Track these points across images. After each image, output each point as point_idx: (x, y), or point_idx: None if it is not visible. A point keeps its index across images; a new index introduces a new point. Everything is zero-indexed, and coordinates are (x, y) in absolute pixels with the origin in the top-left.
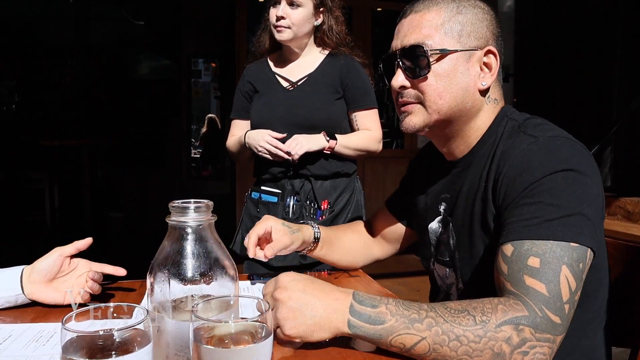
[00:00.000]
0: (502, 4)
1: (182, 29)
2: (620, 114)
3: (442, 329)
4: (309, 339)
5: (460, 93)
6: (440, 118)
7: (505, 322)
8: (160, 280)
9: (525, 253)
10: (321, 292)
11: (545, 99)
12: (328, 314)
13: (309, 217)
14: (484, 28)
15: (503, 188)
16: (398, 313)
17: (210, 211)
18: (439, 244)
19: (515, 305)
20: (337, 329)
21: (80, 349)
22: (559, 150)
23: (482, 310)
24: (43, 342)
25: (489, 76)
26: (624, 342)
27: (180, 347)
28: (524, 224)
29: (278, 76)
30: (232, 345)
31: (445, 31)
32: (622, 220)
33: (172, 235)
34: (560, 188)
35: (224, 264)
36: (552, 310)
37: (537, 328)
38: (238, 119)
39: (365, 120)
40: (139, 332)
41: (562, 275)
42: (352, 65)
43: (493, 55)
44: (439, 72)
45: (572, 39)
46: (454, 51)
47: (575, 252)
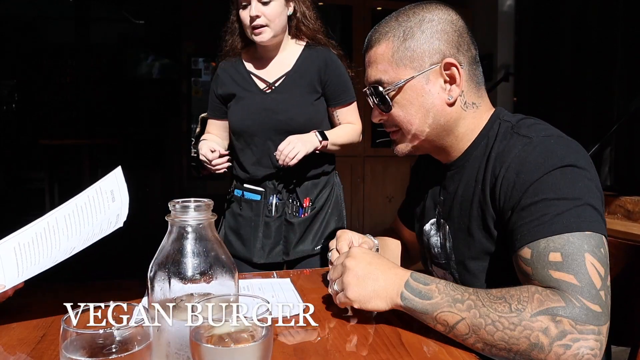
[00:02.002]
0: (502, 3)
1: (182, 28)
2: (620, 114)
3: (479, 312)
4: (366, 305)
5: (430, 114)
6: (420, 140)
7: (541, 312)
8: (160, 279)
9: (543, 251)
10: (384, 266)
11: (545, 99)
12: (387, 285)
13: (291, 214)
14: (435, 43)
15: (503, 191)
16: (445, 292)
17: (210, 210)
18: (431, 246)
19: (551, 295)
20: (391, 299)
21: (81, 348)
22: (554, 149)
23: (518, 298)
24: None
25: (454, 88)
26: (623, 342)
27: (180, 346)
28: (534, 224)
29: (254, 76)
30: (232, 344)
31: (397, 62)
32: (622, 220)
33: (172, 234)
34: (561, 183)
35: (224, 262)
36: (589, 299)
37: (578, 319)
38: (214, 119)
39: (347, 115)
40: (139, 332)
41: (587, 264)
42: (331, 59)
43: (453, 66)
44: (402, 102)
45: (572, 38)
46: (410, 79)
47: (592, 239)
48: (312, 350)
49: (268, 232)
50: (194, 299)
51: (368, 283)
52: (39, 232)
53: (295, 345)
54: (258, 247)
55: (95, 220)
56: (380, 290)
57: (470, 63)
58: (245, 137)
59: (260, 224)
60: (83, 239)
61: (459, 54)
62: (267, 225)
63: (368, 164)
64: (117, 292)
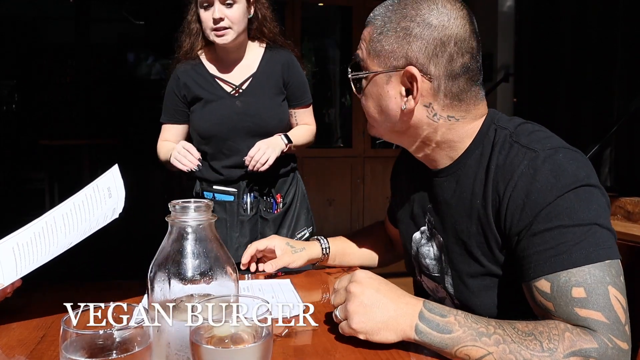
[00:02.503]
0: (502, 4)
1: None
2: (620, 114)
3: (509, 348)
4: (374, 337)
5: (385, 116)
6: (384, 137)
7: (573, 353)
8: (160, 279)
9: (565, 285)
10: (394, 294)
11: (545, 99)
12: (397, 316)
13: (266, 212)
14: (404, 47)
15: (510, 213)
16: (466, 325)
17: (210, 211)
18: (422, 255)
19: (583, 335)
20: (403, 332)
21: (80, 348)
22: (565, 166)
23: (548, 336)
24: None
25: (410, 99)
26: None
27: (180, 347)
28: (551, 254)
29: (219, 80)
30: (232, 345)
31: (369, 51)
32: (622, 220)
33: (173, 234)
34: (576, 207)
35: (224, 263)
36: (619, 337)
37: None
38: (172, 124)
39: (304, 116)
40: (139, 332)
41: (612, 298)
42: (292, 61)
43: (414, 79)
44: (366, 92)
45: (572, 39)
46: (375, 73)
47: (612, 268)
48: (312, 350)
49: (244, 231)
50: (194, 299)
51: (376, 312)
52: (37, 232)
53: (295, 346)
54: (234, 248)
55: (92, 217)
56: (390, 322)
57: (448, 76)
58: (217, 142)
59: (235, 224)
60: (80, 233)
61: (431, 65)
62: (242, 224)
63: (368, 164)
64: (117, 293)
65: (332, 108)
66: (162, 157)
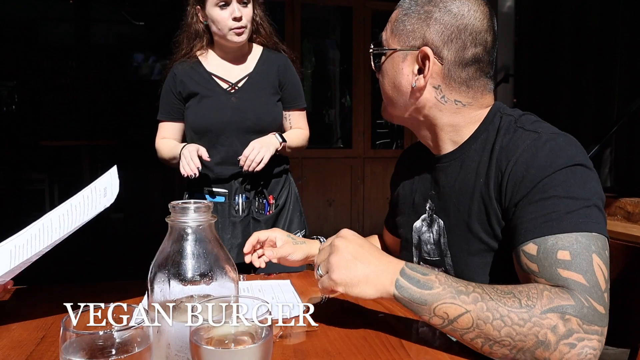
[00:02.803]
0: (502, 4)
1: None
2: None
3: (487, 306)
4: (353, 289)
5: (398, 92)
6: (395, 115)
7: (551, 310)
8: (160, 280)
9: (551, 248)
10: (377, 252)
11: (545, 99)
12: (379, 271)
13: (258, 212)
14: (424, 28)
15: (510, 186)
16: (446, 283)
17: (210, 212)
18: (423, 242)
19: (561, 293)
20: (383, 287)
21: (80, 349)
22: (565, 147)
23: (527, 294)
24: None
25: (421, 78)
26: (624, 342)
27: (180, 348)
28: (542, 220)
29: (215, 77)
30: (232, 345)
31: (392, 30)
32: (622, 221)
33: (172, 235)
34: (571, 182)
35: (224, 264)
36: (597, 300)
37: (585, 319)
38: (169, 121)
39: (298, 119)
40: (139, 333)
41: (595, 264)
42: (288, 64)
43: (427, 58)
44: (383, 70)
45: (572, 39)
46: (393, 50)
47: (599, 240)
48: (312, 351)
49: (235, 232)
50: (193, 300)
51: (358, 266)
52: (34, 234)
53: (295, 346)
54: (226, 249)
55: (86, 217)
56: (371, 276)
57: (458, 62)
58: (210, 137)
59: (227, 225)
60: (71, 228)
61: (445, 49)
62: (233, 225)
63: (368, 165)
64: (117, 293)
65: (332, 108)
66: (164, 155)
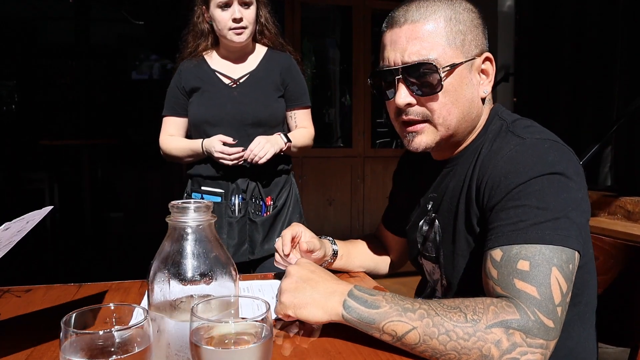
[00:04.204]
0: (502, 4)
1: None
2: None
3: (432, 321)
4: (301, 312)
5: (467, 105)
6: (448, 133)
7: (495, 324)
8: (160, 280)
9: (514, 257)
10: (327, 276)
11: (545, 99)
12: (327, 293)
13: (254, 214)
14: (480, 34)
15: (487, 189)
16: (393, 301)
17: (210, 211)
18: (425, 240)
19: (507, 308)
20: (332, 309)
21: (80, 349)
22: (546, 153)
23: (473, 309)
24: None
25: (487, 83)
26: (624, 342)
27: (180, 348)
28: (511, 228)
29: (218, 73)
30: (232, 345)
31: (449, 43)
32: (622, 220)
33: (172, 235)
34: (546, 191)
35: (224, 264)
36: (545, 314)
37: (529, 332)
38: (172, 116)
39: (303, 118)
40: (139, 332)
41: (552, 277)
42: (292, 63)
43: (489, 61)
44: (448, 88)
45: (572, 38)
46: (460, 63)
47: (564, 253)
48: (312, 351)
49: (232, 232)
50: (194, 300)
51: (306, 289)
52: None
53: (295, 346)
54: None
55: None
56: (319, 298)
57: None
58: (208, 129)
59: (223, 225)
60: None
61: (489, 49)
62: (230, 225)
63: (368, 164)
64: (117, 293)
65: (332, 108)
66: (175, 152)
